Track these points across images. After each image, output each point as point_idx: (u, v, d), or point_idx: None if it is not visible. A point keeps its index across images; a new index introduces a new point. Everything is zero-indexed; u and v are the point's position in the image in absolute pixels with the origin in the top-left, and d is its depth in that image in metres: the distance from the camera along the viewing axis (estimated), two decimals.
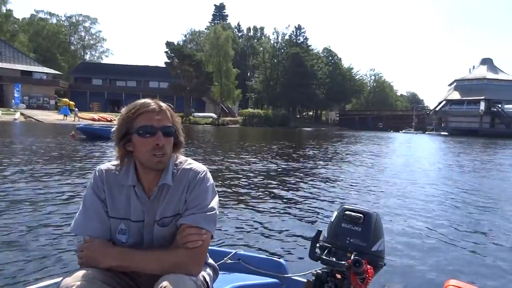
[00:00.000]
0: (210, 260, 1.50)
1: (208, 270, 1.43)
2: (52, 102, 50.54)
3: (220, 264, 1.81)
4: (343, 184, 8.06)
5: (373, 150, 19.28)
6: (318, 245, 1.49)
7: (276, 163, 11.33)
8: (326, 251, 1.46)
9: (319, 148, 18.73)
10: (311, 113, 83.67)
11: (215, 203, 1.35)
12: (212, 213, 1.32)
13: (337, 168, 10.72)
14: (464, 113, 64.65)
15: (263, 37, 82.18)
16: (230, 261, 1.90)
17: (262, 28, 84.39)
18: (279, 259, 1.93)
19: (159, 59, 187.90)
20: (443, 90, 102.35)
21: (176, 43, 59.27)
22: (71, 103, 44.00)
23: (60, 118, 38.07)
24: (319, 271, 1.45)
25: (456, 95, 68.14)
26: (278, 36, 75.89)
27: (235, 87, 59.76)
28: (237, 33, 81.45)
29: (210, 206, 1.33)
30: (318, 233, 1.51)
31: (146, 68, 66.73)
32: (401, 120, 74.52)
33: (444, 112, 68.86)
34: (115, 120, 29.35)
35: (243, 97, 67.85)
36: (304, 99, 67.61)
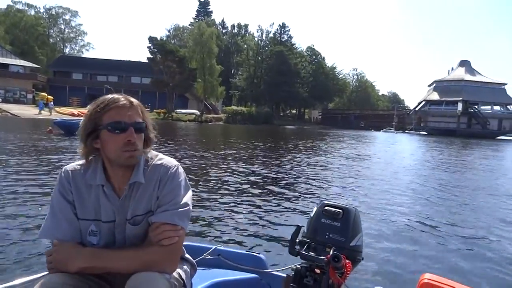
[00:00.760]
0: (187, 255, 1.47)
1: (185, 266, 1.41)
2: (30, 96, 49.03)
3: (200, 260, 1.80)
4: (323, 181, 8.17)
5: (354, 149, 19.56)
6: (297, 240, 1.49)
7: (257, 160, 11.35)
8: (305, 246, 1.46)
9: (302, 146, 18.86)
10: (294, 111, 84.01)
11: (188, 198, 1.32)
12: (185, 209, 1.28)
13: (317, 165, 10.84)
14: (442, 113, 66.39)
15: (247, 34, 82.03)
16: (209, 256, 1.88)
17: (247, 26, 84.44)
18: (259, 254, 1.92)
19: (141, 54, 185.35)
20: (423, 90, 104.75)
21: (159, 39, 58.43)
22: (49, 97, 42.54)
23: (37, 112, 37.03)
24: (298, 266, 1.45)
25: (435, 96, 69.85)
26: (262, 34, 75.97)
27: (219, 84, 59.34)
28: (221, 30, 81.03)
29: (183, 202, 1.29)
30: (298, 228, 1.51)
31: (129, 63, 65.45)
32: (382, 120, 75.71)
33: (423, 112, 70.48)
34: None
35: (226, 94, 67.45)
36: (288, 97, 67.85)
